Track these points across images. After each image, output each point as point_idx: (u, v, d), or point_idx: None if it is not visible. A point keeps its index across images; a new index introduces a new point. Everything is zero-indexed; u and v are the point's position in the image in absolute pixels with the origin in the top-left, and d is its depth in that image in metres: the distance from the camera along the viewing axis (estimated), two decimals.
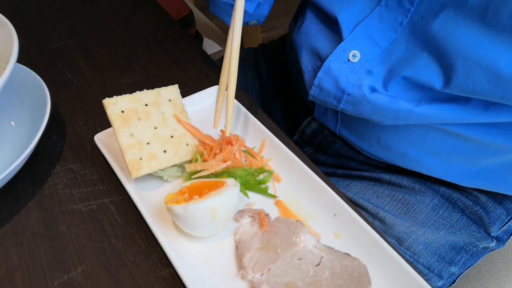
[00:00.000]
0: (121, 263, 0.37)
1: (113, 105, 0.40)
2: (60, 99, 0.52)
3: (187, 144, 0.42)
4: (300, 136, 0.62)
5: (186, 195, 0.36)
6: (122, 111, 0.40)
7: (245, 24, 0.58)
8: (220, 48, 1.05)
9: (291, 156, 0.42)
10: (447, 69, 0.41)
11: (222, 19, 0.55)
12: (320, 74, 0.49)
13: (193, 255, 0.37)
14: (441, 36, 0.41)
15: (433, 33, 0.42)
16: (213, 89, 0.50)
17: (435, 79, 0.42)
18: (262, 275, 0.35)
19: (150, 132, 0.41)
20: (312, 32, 0.53)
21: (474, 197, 0.53)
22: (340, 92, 0.48)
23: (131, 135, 0.40)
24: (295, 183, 0.42)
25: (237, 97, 0.49)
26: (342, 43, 0.48)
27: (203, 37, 1.03)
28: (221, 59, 0.73)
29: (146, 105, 0.42)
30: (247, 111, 0.47)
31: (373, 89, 0.46)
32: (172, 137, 0.42)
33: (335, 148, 0.59)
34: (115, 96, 0.41)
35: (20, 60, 0.44)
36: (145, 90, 0.43)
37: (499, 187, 0.52)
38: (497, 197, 0.54)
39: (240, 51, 0.46)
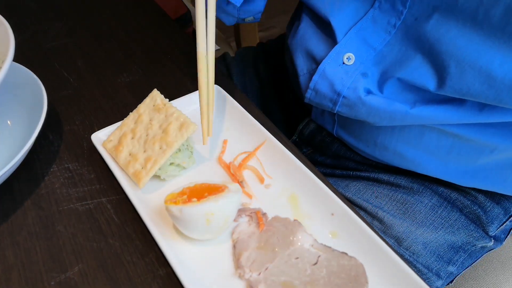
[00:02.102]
0: (118, 262, 0.37)
1: (109, 142, 0.43)
2: (57, 98, 0.52)
3: (175, 128, 0.42)
4: (298, 137, 0.62)
5: (186, 196, 0.36)
6: (116, 143, 0.43)
7: (242, 21, 0.58)
8: (218, 47, 1.05)
9: (289, 155, 0.42)
10: (440, 71, 0.42)
11: (217, 16, 0.55)
12: (315, 77, 0.49)
13: (191, 255, 0.37)
14: (435, 38, 0.41)
15: (427, 34, 0.42)
16: None
17: (429, 81, 0.43)
18: (259, 274, 0.35)
19: (142, 141, 0.42)
20: (307, 35, 0.53)
21: (472, 197, 0.53)
22: (335, 95, 0.48)
23: (129, 154, 0.42)
24: (293, 182, 0.42)
25: (236, 97, 0.49)
26: (336, 46, 0.48)
27: None
28: (220, 58, 0.74)
29: (134, 124, 0.44)
30: (245, 111, 0.47)
31: (369, 92, 0.46)
32: (162, 131, 0.42)
33: (333, 149, 0.59)
34: (107, 132, 0.45)
35: (17, 59, 0.43)
36: (130, 113, 0.45)
37: (496, 186, 0.52)
38: (495, 197, 0.54)
39: (237, 47, 0.46)
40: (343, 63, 0.47)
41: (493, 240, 0.54)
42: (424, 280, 0.34)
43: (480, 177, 0.51)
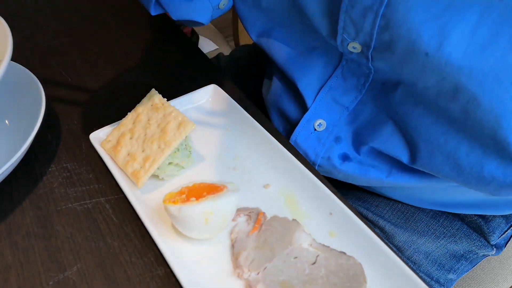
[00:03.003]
0: (116, 262, 0.37)
1: (108, 143, 0.43)
2: (55, 98, 0.52)
3: (172, 127, 0.42)
4: None
5: (184, 196, 0.36)
6: (114, 143, 0.43)
7: (218, 11, 0.52)
8: (216, 47, 1.05)
9: (286, 154, 0.42)
10: (412, 147, 0.41)
11: (190, 19, 0.51)
12: None
13: (189, 254, 0.37)
14: (403, 111, 0.40)
15: (395, 105, 0.41)
16: (209, 88, 0.50)
17: (402, 154, 0.42)
18: (258, 273, 0.35)
19: (141, 141, 0.42)
20: (278, 93, 0.52)
21: None
22: (311, 163, 0.48)
23: (127, 154, 0.42)
24: (291, 182, 0.42)
25: (233, 95, 0.49)
26: (306, 113, 0.47)
27: (199, 36, 1.03)
28: (214, 58, 0.73)
29: (132, 124, 0.43)
30: (240, 107, 0.47)
31: (345, 157, 0.46)
32: (160, 130, 0.42)
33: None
34: (105, 131, 0.45)
35: (15, 58, 0.43)
36: (128, 113, 0.44)
37: (491, 211, 0.52)
38: None
39: (235, 47, 0.45)
40: (315, 129, 0.47)
41: (495, 249, 0.53)
42: (423, 281, 0.34)
43: (470, 207, 0.51)
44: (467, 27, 0.31)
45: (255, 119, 0.46)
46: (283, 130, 0.51)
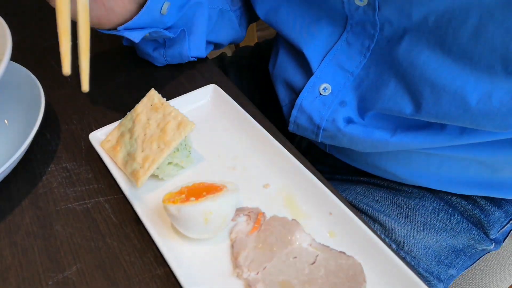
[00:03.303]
0: (116, 262, 0.37)
1: (107, 142, 0.43)
2: (54, 97, 0.52)
3: (172, 127, 0.42)
4: (296, 148, 0.63)
5: (184, 195, 0.36)
6: (114, 143, 0.43)
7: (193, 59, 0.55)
8: None
9: (286, 154, 0.42)
10: (416, 96, 0.41)
11: (149, 60, 0.55)
12: (294, 111, 0.50)
13: (189, 254, 0.37)
14: (408, 62, 0.41)
15: (400, 58, 0.41)
16: (208, 88, 0.50)
17: (405, 107, 0.42)
18: (257, 273, 0.35)
19: (140, 140, 0.42)
20: (284, 64, 0.53)
21: (473, 201, 0.53)
22: (315, 128, 0.48)
23: (127, 154, 0.42)
24: (291, 182, 0.42)
25: (233, 96, 0.49)
26: (311, 78, 0.48)
27: None
28: (217, 58, 0.74)
29: (132, 123, 0.43)
30: (240, 107, 0.47)
31: (349, 120, 0.46)
32: (159, 130, 0.42)
33: (329, 162, 0.60)
34: (105, 131, 0.44)
35: (14, 58, 0.43)
36: (127, 113, 0.44)
37: (492, 193, 0.52)
38: (496, 200, 0.54)
39: (236, 49, 0.46)
40: (320, 94, 0.47)
41: (494, 243, 0.54)
42: (425, 283, 0.34)
43: (474, 185, 0.51)
44: None
45: (255, 119, 0.46)
46: (289, 102, 0.52)
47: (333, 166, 0.60)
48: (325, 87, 0.47)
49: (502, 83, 0.37)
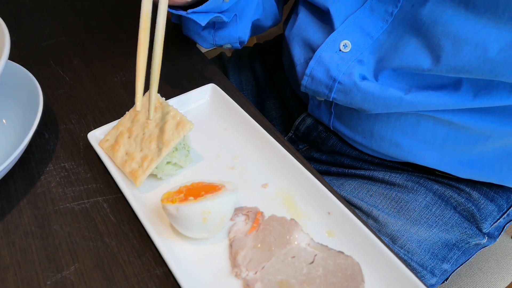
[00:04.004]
0: (114, 261, 0.37)
1: (106, 142, 0.43)
2: (53, 97, 0.52)
3: (170, 127, 0.42)
4: (294, 133, 0.63)
5: (182, 195, 0.36)
6: (113, 142, 0.43)
7: (219, 46, 0.57)
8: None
9: (284, 154, 0.43)
10: (435, 50, 0.42)
11: (195, 40, 0.56)
12: (311, 63, 0.49)
13: (187, 254, 0.37)
14: (431, 21, 0.42)
15: (423, 18, 0.42)
16: (207, 87, 0.50)
17: (423, 61, 0.43)
18: (256, 273, 0.35)
19: (139, 140, 0.42)
20: (304, 25, 0.53)
21: (467, 194, 0.54)
22: (331, 81, 0.48)
23: (125, 153, 0.42)
24: (289, 181, 0.42)
25: (232, 95, 0.49)
26: (333, 33, 0.48)
27: None
28: (216, 57, 0.74)
29: (130, 123, 0.43)
30: (241, 109, 0.47)
31: (364, 78, 0.47)
32: (158, 130, 0.42)
33: (329, 144, 0.60)
34: (103, 131, 0.44)
35: (12, 57, 0.43)
36: (126, 112, 0.44)
37: (492, 176, 0.52)
38: (489, 194, 0.55)
39: (234, 50, 0.46)
40: (340, 50, 0.48)
41: (486, 237, 0.55)
42: (419, 278, 0.34)
43: (476, 166, 0.51)
44: None
45: (254, 119, 0.46)
46: (304, 60, 0.52)
47: (331, 152, 0.60)
48: (345, 43, 0.48)
49: None
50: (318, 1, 0.50)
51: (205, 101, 0.50)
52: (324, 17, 0.50)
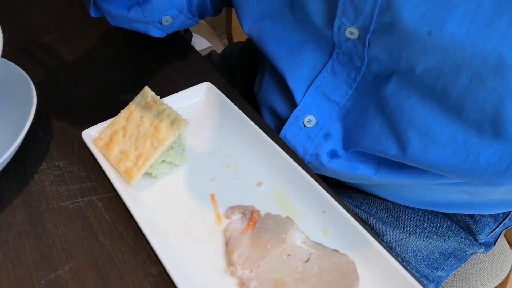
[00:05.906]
0: (109, 260, 0.37)
1: (100, 140, 0.43)
2: (46, 95, 0.51)
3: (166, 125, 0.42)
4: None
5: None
6: (107, 141, 0.43)
7: (170, 30, 0.52)
8: (210, 44, 1.05)
9: (280, 152, 0.43)
10: (402, 141, 0.40)
11: (131, 28, 0.51)
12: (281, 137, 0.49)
13: (182, 252, 0.37)
14: (396, 104, 0.39)
15: (387, 97, 0.40)
16: (202, 86, 0.50)
17: (390, 149, 0.41)
18: (251, 271, 0.35)
19: (134, 138, 0.42)
20: (269, 91, 0.52)
21: None
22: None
23: (120, 152, 0.42)
24: (284, 179, 0.42)
25: (227, 93, 0.49)
26: (295, 110, 0.47)
27: (192, 33, 1.02)
28: (209, 55, 0.73)
29: (125, 121, 0.43)
30: (234, 105, 0.47)
31: (333, 153, 0.46)
32: (153, 128, 0.42)
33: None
34: (98, 129, 0.44)
35: (5, 55, 0.43)
36: (121, 111, 0.44)
37: (475, 211, 0.52)
38: None
39: (228, 44, 0.45)
40: (304, 126, 0.47)
41: (483, 247, 0.54)
42: (412, 275, 0.34)
43: (456, 207, 0.51)
44: (470, 5, 0.31)
45: (249, 117, 0.46)
46: (274, 128, 0.51)
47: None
48: (309, 119, 0.46)
49: (490, 143, 0.35)
50: (276, 67, 0.48)
51: (200, 100, 0.50)
52: (285, 86, 0.48)
